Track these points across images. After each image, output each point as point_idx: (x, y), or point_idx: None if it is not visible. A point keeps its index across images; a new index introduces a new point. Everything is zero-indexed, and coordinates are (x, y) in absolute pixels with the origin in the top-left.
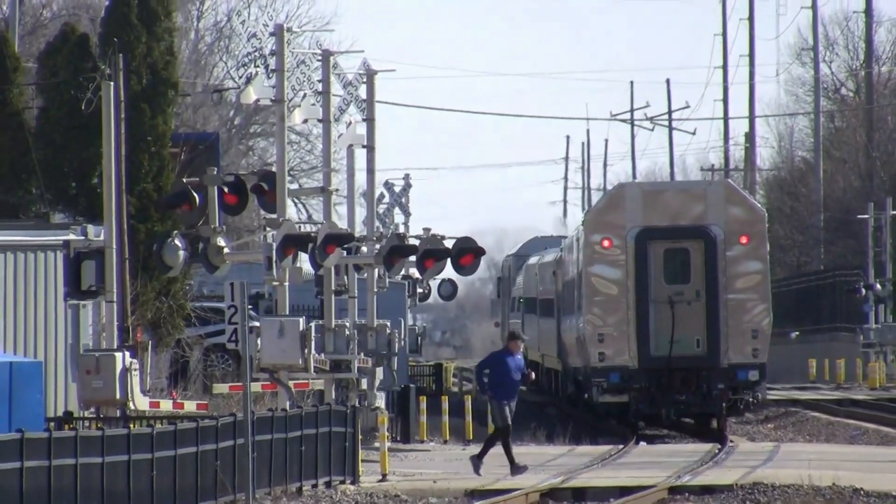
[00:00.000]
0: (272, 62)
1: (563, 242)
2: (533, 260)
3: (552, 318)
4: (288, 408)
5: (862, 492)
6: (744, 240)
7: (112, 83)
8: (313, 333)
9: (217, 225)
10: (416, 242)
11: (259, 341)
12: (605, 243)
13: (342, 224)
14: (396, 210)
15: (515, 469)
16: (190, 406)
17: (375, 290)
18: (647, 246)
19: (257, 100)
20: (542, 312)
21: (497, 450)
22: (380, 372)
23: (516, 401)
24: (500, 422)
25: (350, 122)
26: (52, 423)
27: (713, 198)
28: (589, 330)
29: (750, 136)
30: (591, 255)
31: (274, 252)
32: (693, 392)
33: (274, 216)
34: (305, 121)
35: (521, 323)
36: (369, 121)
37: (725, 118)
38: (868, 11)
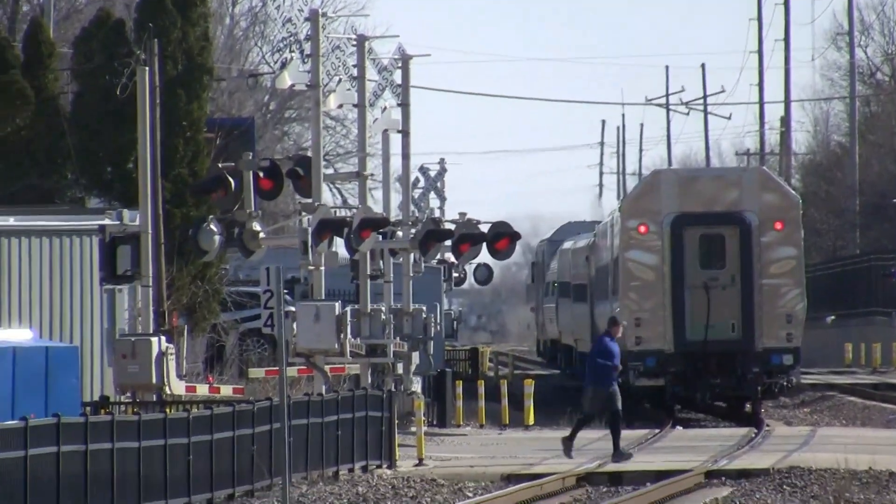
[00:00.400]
0: (307, 47)
1: (597, 228)
2: (567, 245)
3: (585, 302)
4: (324, 392)
5: None
6: (778, 226)
7: (147, 68)
8: (349, 318)
9: (252, 210)
10: (452, 227)
11: (295, 326)
12: (642, 229)
13: (377, 209)
14: (432, 195)
15: (619, 455)
16: (226, 390)
17: (411, 274)
18: (682, 232)
19: (292, 85)
20: (575, 297)
21: (529, 433)
22: (416, 356)
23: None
24: (587, 406)
25: (385, 107)
26: (88, 408)
27: (748, 184)
28: (626, 314)
29: (785, 121)
30: (628, 240)
31: (309, 237)
32: (728, 376)
33: (309, 201)
34: (340, 106)
35: (555, 307)
36: (404, 105)
37: (761, 103)
38: None
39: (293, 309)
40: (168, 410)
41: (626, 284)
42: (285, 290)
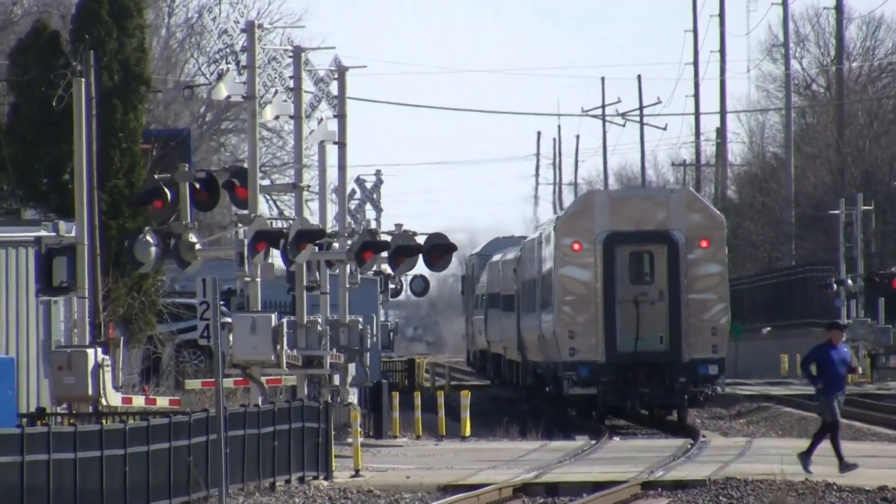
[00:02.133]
0: (243, 59)
1: (523, 243)
2: (495, 258)
3: (513, 312)
4: (260, 404)
5: (835, 486)
6: (704, 244)
7: (83, 80)
8: (285, 329)
9: (189, 221)
10: (388, 238)
11: (231, 337)
12: (576, 246)
13: (314, 220)
14: (368, 206)
15: (844, 466)
16: (162, 402)
17: (347, 286)
18: (614, 249)
19: (228, 96)
20: (504, 308)
21: (466, 444)
22: (352, 368)
23: (844, 394)
24: (828, 417)
25: (321, 119)
26: (24, 420)
27: (675, 205)
28: (560, 327)
29: (721, 132)
30: (563, 257)
31: (246, 248)
32: (657, 385)
33: (245, 212)
34: (277, 117)
35: (483, 319)
36: (340, 117)
37: (696, 114)
38: (839, 8)
39: (230, 320)
40: (104, 422)
41: (561, 298)
42: (221, 302)
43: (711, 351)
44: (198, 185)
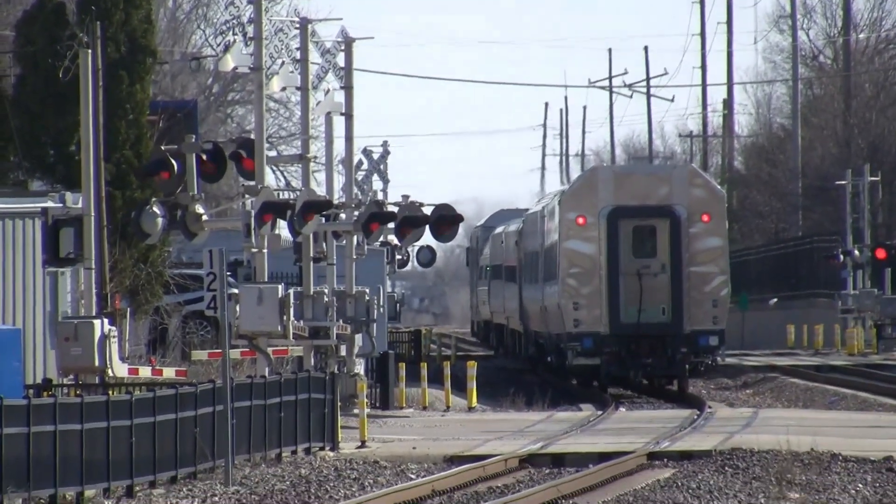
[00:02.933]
0: (250, 30)
1: (525, 215)
2: (499, 230)
3: (515, 283)
4: (267, 374)
5: (840, 457)
6: (705, 218)
7: (90, 51)
8: (292, 300)
9: (195, 192)
10: (395, 210)
11: (238, 308)
12: (580, 220)
13: (321, 191)
14: (375, 177)
15: None
16: (169, 373)
17: (354, 257)
18: (617, 223)
19: (235, 67)
20: (506, 279)
21: (472, 415)
22: (358, 339)
23: None
24: None
25: (328, 90)
26: (30, 391)
27: (677, 180)
28: (565, 299)
29: (728, 103)
30: (567, 231)
31: (252, 219)
32: (659, 356)
33: (252, 183)
34: (283, 89)
35: (487, 290)
36: (347, 88)
37: (703, 85)
38: None
39: (236, 291)
40: (111, 393)
41: (566, 271)
42: (228, 273)
43: (712, 322)
44: (204, 157)
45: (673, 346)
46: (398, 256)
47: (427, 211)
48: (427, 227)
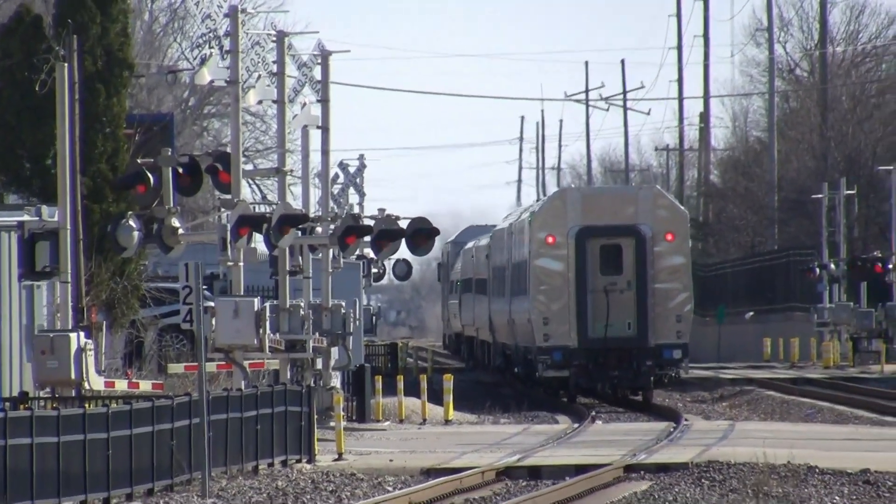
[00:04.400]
0: (226, 43)
1: (493, 231)
2: (469, 246)
3: (485, 296)
4: (243, 387)
5: (817, 469)
6: (669, 237)
7: (66, 64)
8: (268, 313)
9: (171, 206)
10: (371, 223)
11: (214, 322)
12: (550, 239)
13: (297, 205)
14: (351, 191)
15: None
16: (145, 386)
17: (330, 270)
18: (585, 242)
19: (212, 81)
20: (476, 291)
21: (449, 428)
22: (335, 352)
23: None
24: None
25: (304, 104)
26: (7, 404)
27: (643, 201)
28: (536, 314)
29: (704, 117)
30: (538, 249)
31: (228, 233)
32: (625, 368)
33: (228, 197)
34: (260, 102)
35: (458, 304)
36: (324, 102)
37: (680, 98)
38: None
39: (212, 305)
40: (87, 406)
41: (536, 288)
42: (204, 286)
43: (676, 336)
44: (180, 170)
45: (639, 359)
46: (374, 270)
47: (403, 224)
48: (403, 240)
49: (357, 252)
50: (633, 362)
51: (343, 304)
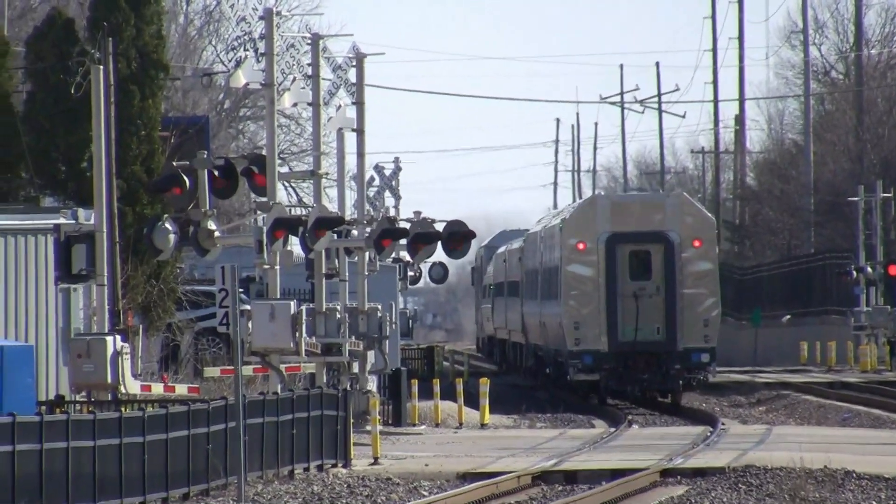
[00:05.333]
0: (261, 46)
1: (527, 234)
2: (501, 250)
3: (517, 298)
4: (279, 391)
5: (854, 474)
6: (696, 243)
7: (101, 67)
8: (304, 317)
9: (207, 208)
10: (407, 226)
11: (250, 325)
12: (581, 246)
13: (332, 207)
14: (387, 193)
15: None
16: (181, 390)
17: (366, 273)
18: (615, 248)
19: (247, 83)
20: (508, 294)
21: (485, 432)
22: (371, 355)
23: None
24: None
25: (340, 106)
26: (43, 407)
27: (671, 208)
28: (567, 318)
29: (740, 119)
30: (569, 255)
31: (264, 235)
32: (654, 372)
33: (264, 199)
34: (295, 104)
35: (491, 307)
36: (358, 104)
37: (715, 101)
38: None
39: (248, 308)
40: (123, 409)
41: (567, 293)
42: (241, 289)
43: (704, 340)
44: (216, 173)
45: (667, 363)
46: (410, 273)
47: (439, 227)
48: (439, 243)
49: (393, 255)
50: (661, 366)
51: (379, 307)
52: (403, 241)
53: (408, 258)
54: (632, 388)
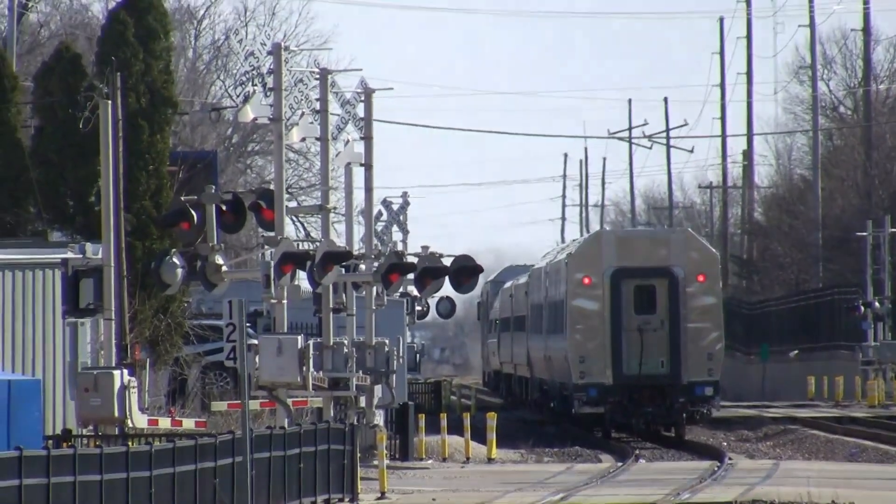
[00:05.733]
0: (270, 81)
1: (531, 269)
2: (507, 285)
3: (523, 333)
4: (286, 425)
5: None
6: (701, 278)
7: (110, 101)
8: (311, 351)
9: (215, 243)
10: (415, 260)
11: (257, 359)
12: (586, 280)
13: (340, 242)
14: (395, 228)
15: None
16: (188, 424)
17: (374, 307)
18: (620, 283)
19: (255, 118)
20: (514, 329)
21: (492, 466)
22: (378, 389)
23: None
24: None
25: (348, 141)
26: (50, 441)
27: (675, 243)
28: (572, 352)
29: (748, 154)
30: (575, 289)
31: (272, 270)
32: (658, 405)
33: (272, 234)
34: (303, 139)
35: (497, 341)
36: (367, 139)
37: (723, 136)
38: (866, 30)
39: (256, 342)
40: (130, 444)
41: (573, 327)
42: (248, 324)
43: (707, 374)
44: (224, 207)
45: (672, 396)
46: (418, 307)
47: (447, 262)
48: (447, 277)
49: (401, 289)
50: (666, 398)
51: (387, 341)
52: (411, 276)
53: (415, 293)
54: (636, 421)
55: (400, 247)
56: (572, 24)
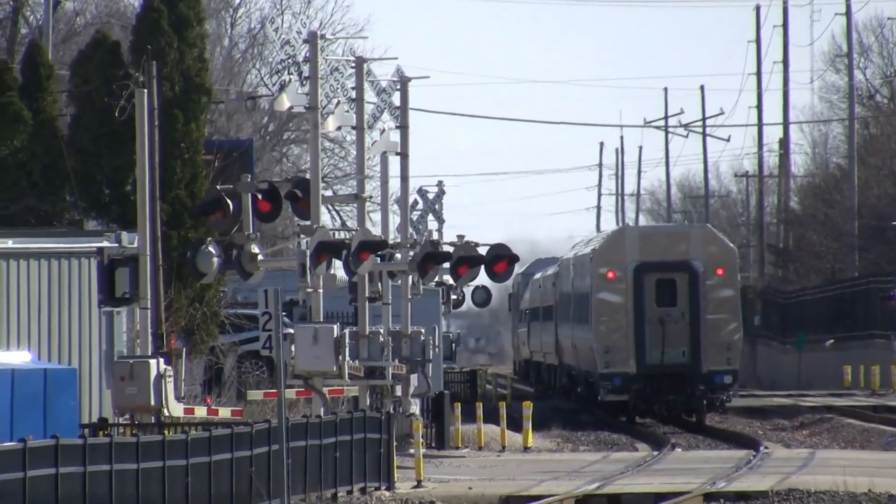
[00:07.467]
0: (305, 69)
1: (560, 260)
2: (537, 276)
3: (552, 322)
4: (322, 414)
5: None
6: (720, 272)
7: (146, 90)
8: (347, 340)
9: (251, 232)
10: (450, 249)
11: (293, 348)
12: (610, 274)
13: (376, 231)
14: (430, 217)
15: None
16: (224, 413)
17: (409, 296)
18: (643, 276)
19: (291, 107)
20: (543, 318)
21: (528, 455)
22: (414, 378)
23: None
24: None
25: (383, 130)
26: (86, 430)
27: (695, 238)
28: (598, 343)
29: (784, 143)
30: (599, 283)
31: (308, 259)
32: (679, 393)
33: (308, 223)
34: (339, 128)
35: (527, 331)
36: (403, 128)
37: (759, 125)
38: None
39: (291, 331)
40: (166, 432)
41: (598, 319)
42: (284, 313)
43: (726, 363)
44: (260, 196)
45: (692, 384)
46: (453, 296)
47: (482, 251)
48: (482, 266)
49: (436, 278)
50: (686, 387)
51: (422, 330)
52: (447, 265)
53: (451, 282)
54: (658, 408)
55: (435, 236)
56: (608, 12)
